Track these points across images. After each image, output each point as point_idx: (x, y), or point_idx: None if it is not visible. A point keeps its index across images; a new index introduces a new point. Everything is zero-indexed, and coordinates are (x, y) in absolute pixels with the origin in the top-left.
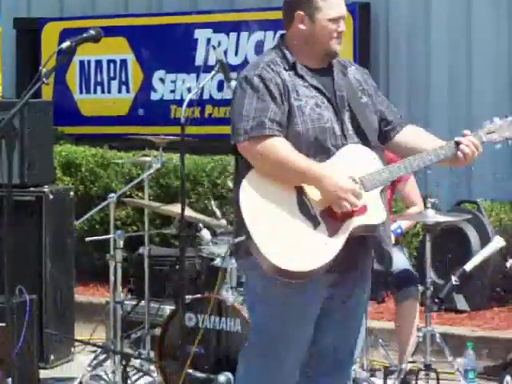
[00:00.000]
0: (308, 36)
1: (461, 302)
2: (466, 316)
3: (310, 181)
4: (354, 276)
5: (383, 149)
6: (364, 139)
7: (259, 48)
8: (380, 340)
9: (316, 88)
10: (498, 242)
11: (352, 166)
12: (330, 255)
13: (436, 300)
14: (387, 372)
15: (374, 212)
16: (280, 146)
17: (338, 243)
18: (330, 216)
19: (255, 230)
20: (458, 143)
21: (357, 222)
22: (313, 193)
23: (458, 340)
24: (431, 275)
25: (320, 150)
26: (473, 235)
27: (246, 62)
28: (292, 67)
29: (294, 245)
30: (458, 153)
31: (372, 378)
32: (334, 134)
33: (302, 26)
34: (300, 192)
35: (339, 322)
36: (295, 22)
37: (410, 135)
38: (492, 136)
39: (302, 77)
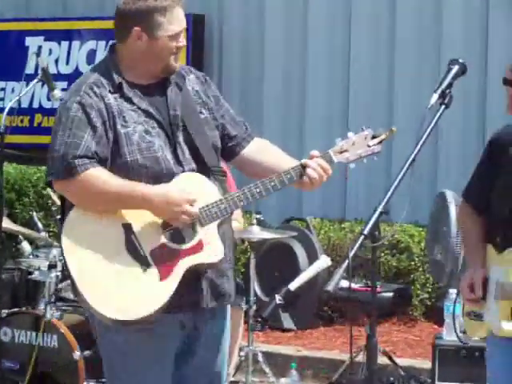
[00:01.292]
0: (145, 53)
1: (287, 320)
2: (293, 335)
3: (140, 203)
4: (201, 311)
5: (224, 173)
6: (202, 163)
7: (91, 57)
8: None
9: (145, 112)
10: (324, 261)
11: None
12: (162, 299)
13: (259, 319)
14: None
15: (210, 249)
16: (97, 178)
17: (170, 285)
18: (162, 256)
19: (81, 278)
20: (304, 166)
21: (192, 261)
22: (142, 230)
23: (283, 359)
24: (258, 293)
25: (153, 181)
26: (301, 253)
27: (77, 71)
28: (118, 89)
29: (123, 291)
30: (304, 177)
31: None
32: (168, 163)
33: (138, 43)
34: (128, 231)
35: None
36: (131, 37)
37: (256, 151)
38: (344, 155)
39: (129, 99)
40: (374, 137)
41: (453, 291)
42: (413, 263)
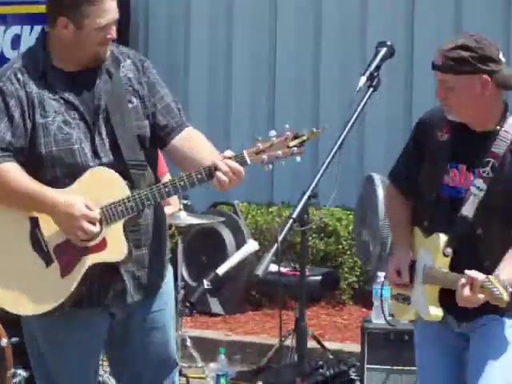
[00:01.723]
0: (72, 42)
1: (215, 305)
2: (221, 320)
3: (42, 208)
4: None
5: (145, 166)
6: (120, 156)
7: (15, 42)
8: None
9: (67, 101)
10: (252, 246)
11: (95, 194)
12: (60, 297)
13: (187, 304)
14: None
15: (113, 248)
16: (6, 174)
17: (71, 282)
18: (65, 252)
19: None
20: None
21: (93, 259)
22: (47, 226)
23: (211, 344)
24: (185, 278)
25: (67, 174)
26: (228, 237)
27: (1, 56)
28: (43, 76)
29: (24, 286)
30: (214, 179)
31: None
32: (84, 156)
33: (65, 31)
34: (34, 225)
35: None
36: (58, 25)
37: (183, 143)
38: (260, 157)
39: (52, 88)
40: (296, 137)
41: (381, 274)
42: (340, 247)
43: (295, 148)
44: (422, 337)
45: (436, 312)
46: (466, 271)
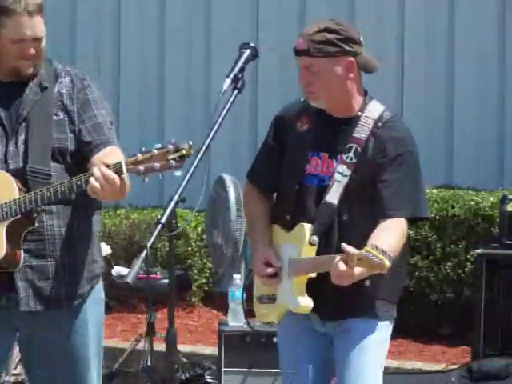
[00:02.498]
0: None
1: None
2: None
3: None
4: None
5: (48, 176)
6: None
7: None
8: None
9: None
10: (104, 250)
11: None
12: None
13: None
14: None
15: None
16: None
17: None
18: None
19: None
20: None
21: None
22: None
23: None
24: None
25: None
26: None
27: None
28: None
29: None
30: (88, 185)
31: None
32: None
33: None
34: None
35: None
36: None
37: (99, 157)
38: (137, 167)
39: None
40: (177, 150)
41: (237, 276)
42: (190, 248)
43: (173, 161)
44: (285, 340)
45: (306, 302)
46: (342, 245)
